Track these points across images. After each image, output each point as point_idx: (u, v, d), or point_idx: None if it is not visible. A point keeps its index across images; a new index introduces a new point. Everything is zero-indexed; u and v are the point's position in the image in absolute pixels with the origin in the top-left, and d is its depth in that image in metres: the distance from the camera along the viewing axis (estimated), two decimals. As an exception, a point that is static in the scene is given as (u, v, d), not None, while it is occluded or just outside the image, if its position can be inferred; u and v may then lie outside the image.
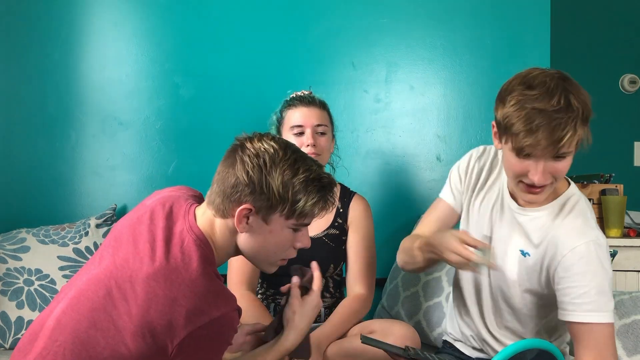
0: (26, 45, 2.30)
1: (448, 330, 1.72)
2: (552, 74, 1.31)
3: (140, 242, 1.23)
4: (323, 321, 1.88)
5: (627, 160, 3.37)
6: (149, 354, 1.16)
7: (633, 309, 1.60)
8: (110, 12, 2.32)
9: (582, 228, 1.39)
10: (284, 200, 1.22)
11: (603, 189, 2.59)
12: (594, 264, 1.35)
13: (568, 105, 1.26)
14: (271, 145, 1.24)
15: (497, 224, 1.52)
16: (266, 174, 1.21)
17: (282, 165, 1.22)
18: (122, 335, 1.15)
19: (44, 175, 2.32)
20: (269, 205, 1.22)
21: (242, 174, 1.21)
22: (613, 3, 3.42)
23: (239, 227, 1.23)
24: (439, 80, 2.34)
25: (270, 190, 1.21)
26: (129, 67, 2.32)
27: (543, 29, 2.32)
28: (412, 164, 2.35)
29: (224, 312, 1.17)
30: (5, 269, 2.01)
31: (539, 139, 1.26)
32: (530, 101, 1.27)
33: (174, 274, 1.18)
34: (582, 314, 1.34)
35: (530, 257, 1.45)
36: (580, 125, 1.28)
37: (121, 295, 1.18)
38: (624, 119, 3.36)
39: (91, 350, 1.16)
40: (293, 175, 1.22)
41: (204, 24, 2.30)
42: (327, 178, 1.27)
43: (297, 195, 1.22)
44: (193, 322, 1.14)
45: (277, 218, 1.23)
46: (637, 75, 3.36)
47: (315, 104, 1.89)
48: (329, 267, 1.89)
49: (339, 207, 1.94)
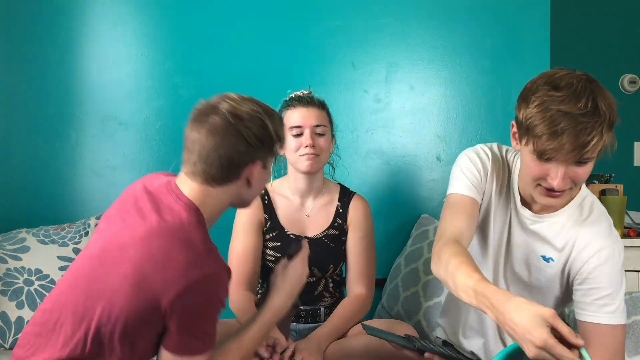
0: (26, 45, 2.30)
1: (448, 333, 1.71)
2: (579, 75, 1.26)
3: (128, 218, 1.29)
4: (323, 321, 1.88)
5: (627, 160, 3.37)
6: (145, 314, 1.19)
7: (633, 310, 1.60)
8: (110, 12, 2.32)
9: (608, 231, 1.40)
10: (277, 141, 1.36)
11: (603, 189, 2.59)
12: (618, 266, 1.37)
13: (595, 109, 1.21)
14: (249, 106, 1.32)
15: (514, 230, 1.48)
16: (268, 130, 1.32)
17: (268, 116, 1.34)
18: (119, 297, 1.20)
19: (44, 175, 2.32)
20: (271, 153, 1.36)
21: (251, 139, 1.30)
22: (613, 3, 3.42)
23: (254, 182, 1.35)
24: (439, 80, 2.34)
25: (271, 140, 1.34)
26: (129, 67, 2.32)
27: (543, 29, 2.32)
28: (412, 164, 2.35)
29: (217, 269, 1.22)
30: (5, 269, 2.01)
31: (562, 142, 1.20)
32: (556, 103, 1.21)
33: (166, 231, 1.23)
34: (604, 316, 1.36)
35: (555, 262, 1.44)
36: (606, 130, 1.23)
37: (114, 261, 1.23)
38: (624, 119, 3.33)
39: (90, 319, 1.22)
40: (277, 119, 1.37)
41: (204, 24, 2.30)
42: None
43: (278, 132, 1.36)
44: (187, 276, 1.18)
45: (270, 159, 1.38)
46: (637, 75, 3.36)
47: (314, 104, 1.88)
48: (329, 267, 1.89)
49: (338, 207, 1.94)
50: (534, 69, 2.28)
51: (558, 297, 1.49)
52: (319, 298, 1.91)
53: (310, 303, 1.90)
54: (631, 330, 1.56)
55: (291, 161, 1.88)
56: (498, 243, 1.51)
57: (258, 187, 1.39)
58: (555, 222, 1.43)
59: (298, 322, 1.89)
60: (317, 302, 1.91)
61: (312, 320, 1.90)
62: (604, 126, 1.23)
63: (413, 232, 2.27)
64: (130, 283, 1.20)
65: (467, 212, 1.43)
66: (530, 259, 1.47)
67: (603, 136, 1.23)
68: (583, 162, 1.26)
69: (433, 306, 2.00)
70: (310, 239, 1.90)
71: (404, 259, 2.18)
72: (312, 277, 1.89)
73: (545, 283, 1.48)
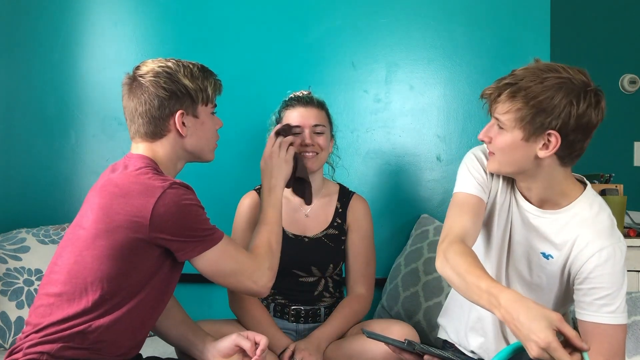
0: (26, 45, 2.30)
1: (449, 331, 1.71)
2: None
3: (97, 185, 1.45)
4: (323, 321, 1.89)
5: (627, 160, 3.37)
6: (127, 239, 1.33)
7: (633, 310, 1.60)
8: (110, 12, 2.32)
9: (610, 230, 1.40)
10: (199, 90, 1.47)
11: (603, 189, 2.59)
12: (619, 266, 1.37)
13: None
14: (156, 64, 1.47)
15: (515, 227, 1.50)
16: (176, 80, 1.44)
17: (178, 68, 1.46)
18: (95, 241, 1.35)
19: (44, 175, 2.33)
20: (192, 101, 1.46)
21: (160, 92, 1.43)
22: (613, 3, 3.41)
23: (183, 132, 1.46)
24: (438, 80, 2.34)
25: (187, 89, 1.45)
26: (129, 67, 2.28)
27: (543, 29, 2.32)
28: (412, 164, 2.35)
29: (172, 181, 1.37)
30: (5, 269, 2.01)
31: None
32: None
33: (122, 176, 1.39)
34: (604, 316, 1.36)
35: (554, 260, 1.45)
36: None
37: (82, 224, 1.39)
38: (624, 119, 3.36)
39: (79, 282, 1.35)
40: (191, 70, 1.47)
41: (204, 24, 2.30)
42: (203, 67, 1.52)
43: (204, 82, 1.48)
44: (149, 195, 1.33)
45: (202, 109, 1.49)
46: (637, 75, 3.36)
47: (313, 103, 1.89)
48: (328, 267, 1.89)
49: (338, 207, 1.94)
50: (534, 69, 2.30)
51: (559, 297, 1.49)
52: (319, 298, 1.91)
53: (310, 303, 1.90)
54: (631, 331, 1.57)
55: (291, 161, 1.89)
56: (501, 240, 1.53)
57: (199, 137, 1.50)
58: (557, 220, 1.44)
59: (298, 322, 1.89)
60: (317, 302, 1.91)
61: (312, 320, 1.90)
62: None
63: (413, 232, 2.27)
64: (99, 225, 1.34)
65: (473, 211, 1.46)
66: (531, 256, 1.48)
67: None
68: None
69: (433, 306, 2.00)
70: (310, 238, 1.90)
71: (404, 259, 2.18)
72: (312, 277, 1.89)
73: (546, 281, 1.48)
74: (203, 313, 1.87)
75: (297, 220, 1.92)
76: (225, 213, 2.12)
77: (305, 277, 1.89)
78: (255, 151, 2.22)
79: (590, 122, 1.33)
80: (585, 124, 1.32)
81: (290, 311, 1.89)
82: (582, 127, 1.33)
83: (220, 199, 2.22)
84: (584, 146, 1.38)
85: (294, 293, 1.89)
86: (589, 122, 1.32)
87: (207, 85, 1.49)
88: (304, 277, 1.89)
